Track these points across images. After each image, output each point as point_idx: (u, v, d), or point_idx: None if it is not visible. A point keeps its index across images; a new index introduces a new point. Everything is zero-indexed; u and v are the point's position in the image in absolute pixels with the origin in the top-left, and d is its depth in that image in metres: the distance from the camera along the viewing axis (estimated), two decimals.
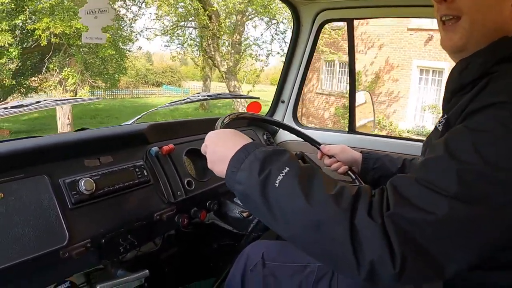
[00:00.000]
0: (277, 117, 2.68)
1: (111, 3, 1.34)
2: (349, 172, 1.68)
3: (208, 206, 1.82)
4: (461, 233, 0.72)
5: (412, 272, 0.72)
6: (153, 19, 16.96)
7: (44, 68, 13.90)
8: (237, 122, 2.23)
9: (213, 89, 24.43)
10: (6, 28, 11.49)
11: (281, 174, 0.84)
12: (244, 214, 1.78)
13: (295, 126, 2.50)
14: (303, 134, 1.79)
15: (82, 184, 1.32)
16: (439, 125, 1.02)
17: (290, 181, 0.83)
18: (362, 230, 0.74)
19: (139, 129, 1.65)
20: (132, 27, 15.25)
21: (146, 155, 1.62)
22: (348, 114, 2.58)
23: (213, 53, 13.33)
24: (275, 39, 14.78)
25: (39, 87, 16.13)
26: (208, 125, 1.95)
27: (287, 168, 0.85)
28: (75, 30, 11.75)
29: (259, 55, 14.94)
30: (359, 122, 2.48)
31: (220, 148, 1.02)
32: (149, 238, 1.59)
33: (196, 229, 2.24)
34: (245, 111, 2.46)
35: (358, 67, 16.27)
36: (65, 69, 13.11)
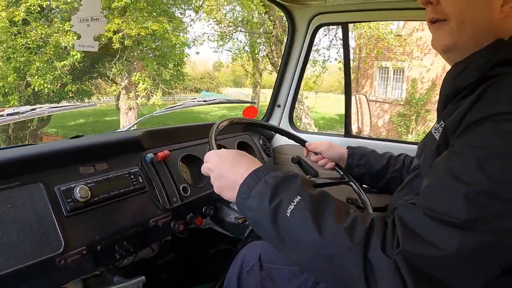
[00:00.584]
0: (273, 121, 2.68)
1: (102, 12, 1.35)
2: (336, 168, 1.69)
3: (204, 212, 1.82)
4: (473, 263, 0.71)
5: None
6: (209, 25, 16.51)
7: (108, 73, 13.28)
8: (234, 127, 2.25)
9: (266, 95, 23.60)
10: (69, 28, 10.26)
11: (292, 204, 0.84)
12: (240, 220, 1.78)
13: (291, 130, 2.51)
14: (287, 132, 1.80)
15: (77, 191, 1.32)
16: (435, 132, 1.01)
17: (301, 211, 0.82)
18: (377, 265, 0.73)
19: (134, 135, 1.65)
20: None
21: (141, 161, 1.62)
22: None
23: (276, 59, 12.87)
24: (334, 45, 14.43)
25: (104, 92, 15.77)
26: (203, 130, 1.96)
27: (299, 197, 0.84)
28: (151, 32, 11.26)
29: (317, 61, 14.66)
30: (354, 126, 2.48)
31: (228, 173, 1.00)
32: (145, 244, 1.59)
33: (192, 235, 2.24)
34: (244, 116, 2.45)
35: (414, 73, 16.11)
36: (134, 74, 12.43)
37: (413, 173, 1.28)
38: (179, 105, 2.27)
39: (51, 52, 10.42)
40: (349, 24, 2.43)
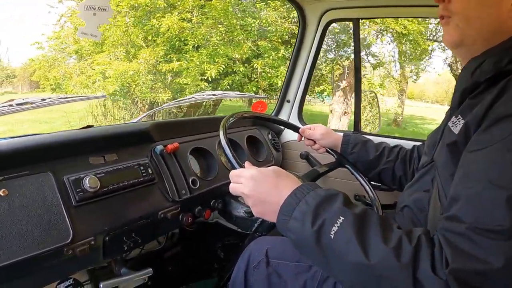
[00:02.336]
0: (282, 116, 2.68)
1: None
2: (331, 151, 1.74)
3: (213, 205, 1.81)
4: None
5: None
6: None
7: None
8: (242, 122, 2.24)
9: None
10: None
11: (335, 225, 0.83)
12: (249, 213, 1.78)
13: (300, 125, 2.50)
14: (279, 120, 1.81)
15: (87, 181, 1.31)
16: (452, 126, 1.00)
17: (345, 232, 0.82)
18: (427, 285, 0.73)
19: (144, 127, 1.65)
20: None
21: (151, 153, 1.62)
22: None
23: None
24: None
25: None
26: (213, 124, 1.96)
27: (342, 218, 0.84)
28: None
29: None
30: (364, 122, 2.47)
31: (268, 197, 0.99)
32: (153, 236, 1.59)
33: (199, 229, 2.24)
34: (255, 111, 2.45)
35: None
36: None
37: (422, 170, 1.28)
38: (188, 98, 2.26)
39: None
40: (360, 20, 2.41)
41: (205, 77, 9.20)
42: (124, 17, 9.86)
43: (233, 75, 9.65)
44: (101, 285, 1.49)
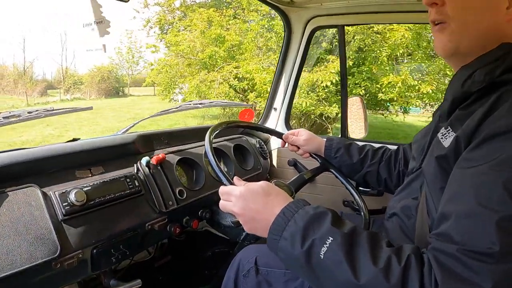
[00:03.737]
0: (269, 124, 2.69)
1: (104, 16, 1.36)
2: (315, 155, 1.76)
3: (200, 215, 1.82)
4: None
5: None
6: None
7: None
8: (229, 131, 2.25)
9: None
10: None
11: (325, 246, 0.84)
12: (235, 223, 1.79)
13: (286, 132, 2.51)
14: (263, 127, 1.82)
15: (73, 195, 1.32)
16: (442, 138, 0.99)
17: (335, 253, 0.82)
18: None
19: (130, 139, 1.65)
20: None
21: (137, 165, 1.62)
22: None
23: None
24: None
25: None
26: (199, 134, 1.96)
27: (331, 238, 0.84)
28: None
29: None
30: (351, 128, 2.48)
31: (258, 216, 1.00)
32: (141, 247, 1.59)
33: (189, 237, 2.24)
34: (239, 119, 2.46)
35: None
36: None
37: (411, 176, 1.27)
38: (175, 108, 2.26)
39: None
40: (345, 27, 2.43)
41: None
42: None
43: None
44: None
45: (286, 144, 1.81)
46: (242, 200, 1.03)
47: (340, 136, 2.47)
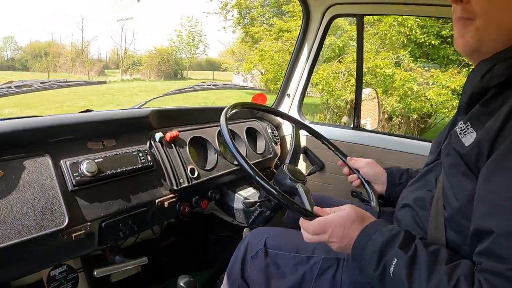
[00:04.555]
0: (282, 109, 2.65)
1: None
2: (366, 186, 1.68)
3: (210, 195, 1.80)
4: None
5: None
6: None
7: None
8: (241, 113, 2.22)
9: None
10: None
11: (392, 266, 0.90)
12: (248, 204, 1.77)
13: (300, 118, 2.48)
14: (327, 141, 1.79)
15: (84, 166, 1.30)
16: (461, 134, 0.97)
17: (399, 271, 0.89)
18: None
19: (144, 114, 1.63)
20: None
21: (150, 140, 1.60)
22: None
23: None
24: None
25: None
26: (213, 114, 1.94)
27: (395, 260, 0.91)
28: None
29: None
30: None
31: (345, 238, 1.04)
32: (149, 224, 1.57)
33: (195, 220, 2.22)
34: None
35: None
36: None
37: (426, 168, 1.26)
38: (188, 88, 2.25)
39: None
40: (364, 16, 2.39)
41: None
42: None
43: None
44: (95, 272, 1.47)
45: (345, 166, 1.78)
46: (338, 226, 1.06)
47: (352, 127, 2.44)
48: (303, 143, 2.39)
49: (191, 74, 29.38)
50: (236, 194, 1.88)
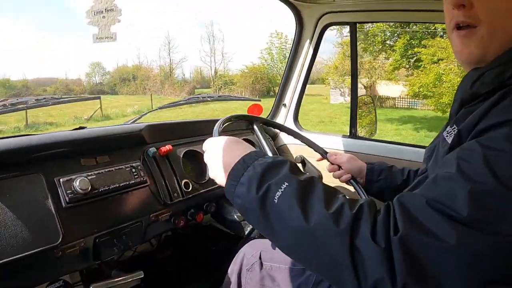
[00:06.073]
0: (278, 120, 2.66)
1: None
2: (352, 181, 1.67)
3: (205, 208, 1.81)
4: (471, 263, 0.67)
5: None
6: None
7: None
8: (237, 124, 2.23)
9: None
10: None
11: (279, 190, 0.82)
12: (241, 218, 1.78)
13: (297, 130, 2.49)
14: (307, 140, 1.78)
15: (78, 183, 1.31)
16: (447, 136, 0.97)
17: (288, 197, 0.81)
18: (365, 252, 0.71)
19: (137, 129, 1.64)
20: None
21: (144, 155, 1.61)
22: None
23: None
24: None
25: None
26: (206, 126, 1.95)
27: (286, 183, 0.83)
28: None
29: None
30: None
31: (220, 158, 1.00)
32: (144, 239, 1.58)
33: (193, 231, 2.23)
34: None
35: None
36: None
37: (419, 177, 1.25)
38: (184, 101, 2.26)
39: None
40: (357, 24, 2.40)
41: None
42: None
43: None
44: (91, 287, 1.48)
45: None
46: (212, 143, 1.08)
47: (349, 134, 2.45)
48: (300, 153, 2.39)
49: None
50: (231, 207, 1.88)
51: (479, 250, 0.67)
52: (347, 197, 0.83)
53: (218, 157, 1.01)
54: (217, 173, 1.01)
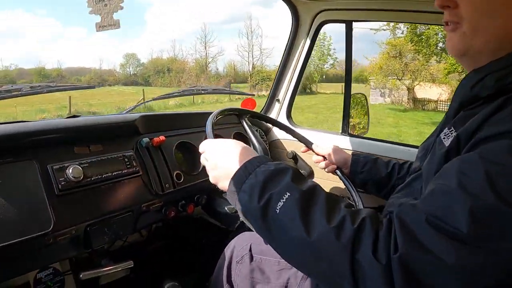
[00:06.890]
0: (271, 115, 2.66)
1: None
2: (337, 171, 1.68)
3: (196, 200, 1.82)
4: (468, 279, 0.68)
5: None
6: None
7: None
8: (229, 118, 2.23)
9: None
10: None
11: (281, 201, 0.83)
12: (232, 210, 1.78)
13: (289, 125, 2.50)
14: (295, 132, 1.79)
15: (70, 171, 1.32)
16: (444, 138, 0.97)
17: (290, 208, 0.81)
18: (365, 268, 0.71)
19: (131, 119, 1.65)
20: None
21: (137, 145, 1.62)
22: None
23: None
24: None
25: None
26: (200, 119, 1.95)
27: (288, 194, 0.83)
28: None
29: None
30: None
31: (222, 164, 1.01)
32: (134, 229, 1.59)
33: (183, 223, 2.24)
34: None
35: None
36: None
37: (413, 175, 1.25)
38: (177, 93, 2.26)
39: None
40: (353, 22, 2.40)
41: None
42: None
43: None
44: (81, 275, 1.49)
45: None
46: (212, 147, 1.07)
47: (341, 131, 2.46)
48: (293, 148, 2.40)
49: (319, 87, 29.66)
50: (222, 199, 1.89)
51: (478, 269, 0.67)
52: (350, 209, 0.82)
53: (219, 162, 1.02)
54: (218, 178, 1.02)
